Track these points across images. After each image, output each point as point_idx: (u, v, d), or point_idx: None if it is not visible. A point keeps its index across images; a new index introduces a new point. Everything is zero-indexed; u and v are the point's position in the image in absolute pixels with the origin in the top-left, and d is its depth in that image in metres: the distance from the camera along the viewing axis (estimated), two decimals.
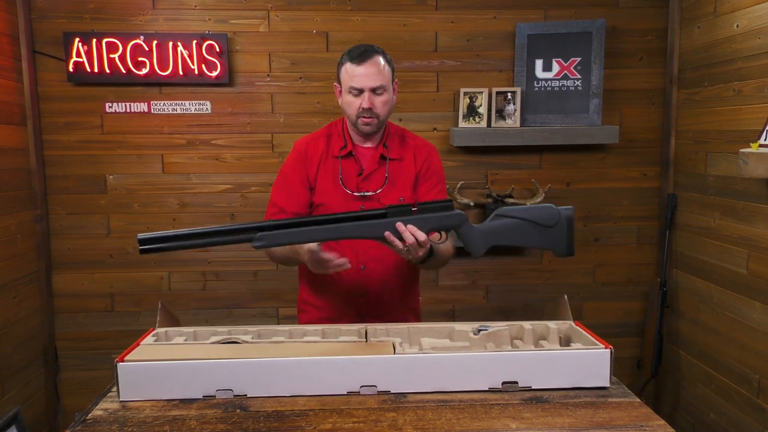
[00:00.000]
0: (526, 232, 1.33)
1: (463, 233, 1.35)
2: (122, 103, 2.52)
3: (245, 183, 2.61)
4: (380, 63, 1.55)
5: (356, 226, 1.30)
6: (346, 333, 1.38)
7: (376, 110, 1.56)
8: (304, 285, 1.76)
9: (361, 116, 1.56)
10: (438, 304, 2.72)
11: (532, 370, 1.23)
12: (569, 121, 2.58)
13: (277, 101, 2.57)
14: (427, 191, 1.66)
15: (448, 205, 1.34)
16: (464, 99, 2.54)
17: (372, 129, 1.59)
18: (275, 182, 1.68)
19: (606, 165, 2.68)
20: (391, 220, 1.31)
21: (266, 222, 1.26)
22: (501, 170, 2.66)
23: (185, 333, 1.39)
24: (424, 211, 1.33)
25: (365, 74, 1.53)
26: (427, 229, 1.33)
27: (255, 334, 1.38)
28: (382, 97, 1.56)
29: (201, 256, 2.63)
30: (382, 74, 1.55)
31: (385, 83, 1.56)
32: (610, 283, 2.75)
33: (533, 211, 1.33)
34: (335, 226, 1.28)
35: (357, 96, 1.55)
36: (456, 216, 1.34)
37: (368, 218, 1.31)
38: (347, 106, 1.58)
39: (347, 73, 1.56)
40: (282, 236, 1.27)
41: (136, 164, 2.57)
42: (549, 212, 1.33)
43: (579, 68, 2.56)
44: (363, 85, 1.54)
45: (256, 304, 2.68)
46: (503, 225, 1.34)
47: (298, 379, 1.21)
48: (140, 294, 2.64)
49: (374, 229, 1.31)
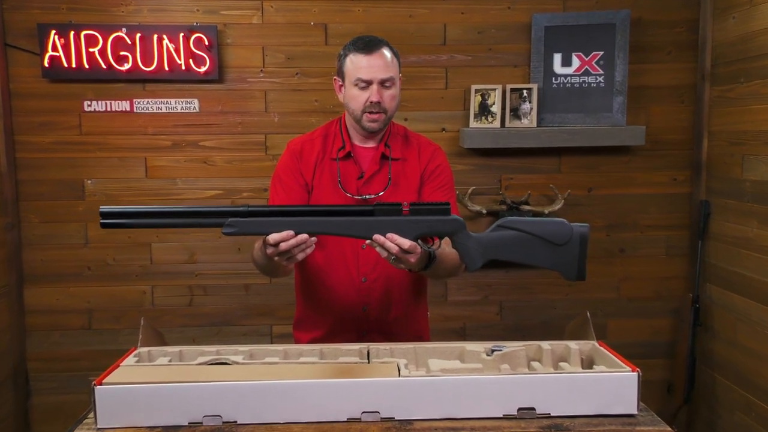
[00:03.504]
0: (531, 249, 1.31)
1: (459, 242, 1.33)
2: (102, 102, 2.54)
3: (236, 188, 2.62)
4: (388, 55, 1.57)
5: (341, 223, 1.28)
6: (347, 353, 1.37)
7: (384, 104, 1.57)
8: (301, 300, 1.76)
9: (367, 111, 1.57)
10: (447, 321, 2.71)
11: (551, 395, 1.22)
12: (591, 120, 2.58)
13: (272, 99, 2.58)
14: (431, 192, 1.66)
15: (444, 209, 1.32)
16: (476, 97, 2.55)
17: (378, 126, 1.60)
18: (270, 188, 1.68)
19: (631, 169, 2.67)
20: (378, 219, 1.30)
21: (241, 207, 1.26)
22: (516, 174, 2.66)
23: (170, 353, 1.39)
24: (416, 213, 1.31)
25: (374, 65, 1.55)
26: (415, 234, 1.31)
27: (246, 354, 1.37)
28: (390, 91, 1.58)
29: (187, 269, 2.63)
30: (390, 65, 1.57)
31: (394, 75, 1.59)
32: (636, 299, 2.73)
33: (542, 225, 1.31)
34: (317, 219, 1.28)
35: (364, 89, 1.56)
36: (452, 222, 1.32)
37: (353, 214, 1.30)
38: (351, 101, 1.59)
39: (353, 64, 1.57)
40: (256, 225, 1.26)
41: (117, 168, 2.58)
42: (560, 228, 1.31)
43: (601, 63, 2.56)
44: (372, 76, 1.55)
45: (248, 321, 2.68)
46: (506, 238, 1.32)
47: (293, 404, 1.20)
48: (121, 310, 2.64)
49: (361, 229, 1.30)
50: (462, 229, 1.32)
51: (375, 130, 1.61)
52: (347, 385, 1.21)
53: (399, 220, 1.30)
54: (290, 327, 1.83)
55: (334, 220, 1.29)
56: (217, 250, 2.62)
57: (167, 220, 1.27)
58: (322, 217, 1.28)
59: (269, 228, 1.27)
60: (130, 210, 1.25)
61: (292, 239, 1.27)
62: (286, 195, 1.63)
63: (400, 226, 1.30)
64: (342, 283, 1.64)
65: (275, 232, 1.27)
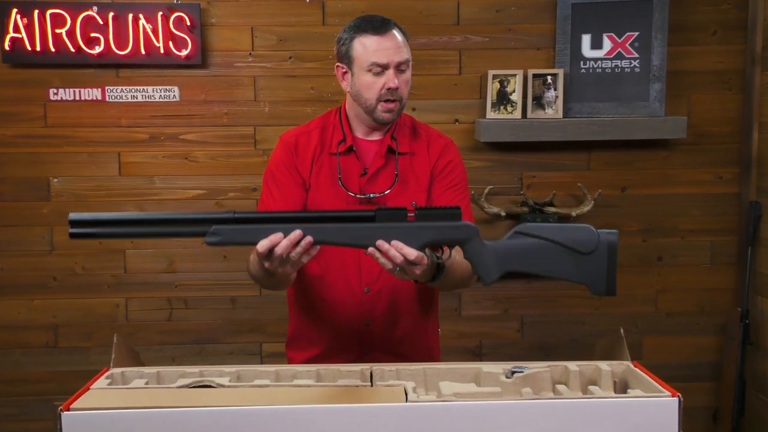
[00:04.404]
0: (553, 259, 1.30)
1: (471, 251, 1.32)
2: (70, 90, 2.55)
3: (221, 188, 2.62)
4: (399, 36, 1.60)
5: (338, 230, 1.29)
6: (347, 375, 1.37)
7: (400, 91, 1.59)
8: (295, 314, 1.76)
9: (383, 100, 1.58)
10: (461, 338, 2.71)
11: (580, 423, 1.22)
12: (624, 110, 2.58)
13: (262, 86, 2.59)
14: (442, 192, 1.66)
15: (454, 213, 1.32)
16: (493, 84, 2.55)
17: (393, 117, 1.62)
18: (263, 187, 1.69)
19: (671, 165, 2.67)
20: (380, 225, 1.30)
21: (226, 213, 1.27)
22: (539, 172, 2.66)
23: (147, 374, 1.39)
24: (423, 219, 1.31)
25: (389, 46, 1.56)
26: (422, 243, 1.31)
27: (233, 376, 1.37)
28: (405, 75, 1.60)
29: (166, 279, 2.64)
30: (405, 46, 1.60)
31: (409, 57, 1.61)
32: (677, 313, 2.73)
33: (565, 232, 1.31)
34: (313, 226, 1.28)
35: (379, 74, 1.57)
36: (463, 228, 1.32)
37: (352, 220, 1.30)
38: (365, 89, 1.59)
39: (365, 48, 1.57)
40: (243, 233, 1.27)
41: (86, 165, 2.59)
42: (585, 235, 1.30)
43: (636, 45, 2.56)
44: (389, 59, 1.56)
45: (235, 338, 2.68)
46: (524, 246, 1.31)
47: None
48: (91, 325, 2.65)
49: (361, 237, 1.30)
50: (475, 236, 1.32)
51: (389, 121, 1.62)
52: (348, 412, 1.20)
53: (404, 227, 1.30)
54: (283, 345, 1.83)
55: (329, 227, 1.29)
56: (199, 257, 2.63)
57: (144, 228, 1.28)
58: (316, 224, 1.28)
59: (258, 236, 1.27)
60: (104, 218, 1.25)
61: (283, 240, 1.27)
62: (282, 194, 1.63)
63: (405, 234, 1.30)
64: (341, 294, 1.64)
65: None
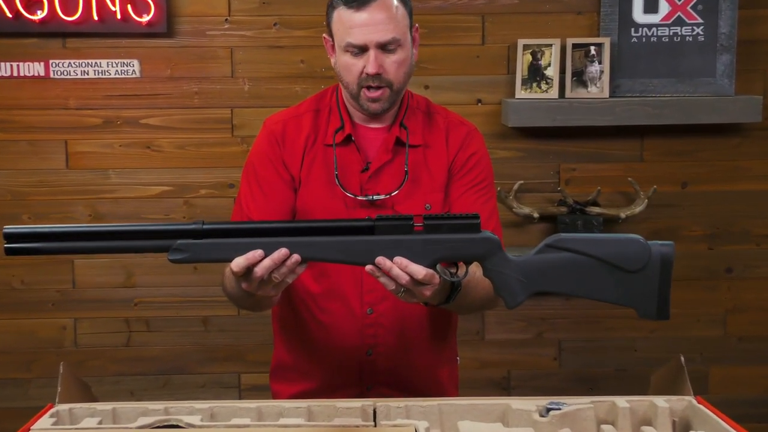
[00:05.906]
0: (591, 278, 1.30)
1: (493, 269, 1.32)
2: (7, 64, 2.55)
3: (191, 183, 2.63)
4: (390, 3, 1.56)
5: (332, 244, 1.28)
6: (345, 412, 1.38)
7: (387, 75, 1.56)
8: (280, 339, 1.77)
9: (364, 86, 1.58)
10: (485, 368, 2.72)
11: None
12: (685, 88, 2.58)
13: (240, 60, 2.60)
14: (462, 193, 1.66)
15: (472, 224, 1.31)
16: (524, 56, 2.55)
17: (382, 106, 1.60)
18: (241, 185, 1.70)
19: (742, 156, 2.67)
20: (382, 239, 1.30)
21: (194, 224, 1.26)
22: (580, 164, 2.66)
23: (100, 412, 1.39)
24: (433, 230, 1.31)
25: (368, 22, 1.53)
26: (432, 259, 1.30)
27: (206, 413, 1.38)
28: (395, 56, 1.57)
29: (123, 295, 2.65)
30: (393, 21, 1.55)
31: (399, 35, 1.56)
32: (749, 338, 2.73)
33: (606, 244, 1.31)
34: (299, 240, 1.27)
35: (357, 56, 1.56)
36: (481, 242, 1.31)
37: (347, 232, 1.30)
38: (344, 71, 1.59)
39: (341, 23, 1.56)
40: (214, 248, 1.26)
41: (26, 155, 2.60)
42: (632, 249, 1.30)
43: (700, 8, 2.55)
44: (366, 39, 1.54)
45: (208, 367, 2.69)
46: (556, 263, 1.31)
47: None
48: (31, 352, 2.66)
49: (359, 252, 1.29)
50: (497, 251, 1.31)
51: (378, 112, 1.61)
52: None
53: (410, 240, 1.30)
54: (266, 376, 1.83)
55: (319, 241, 1.28)
56: (164, 269, 2.63)
57: (93, 243, 1.27)
58: (303, 237, 1.28)
59: (233, 253, 1.26)
60: (44, 230, 1.25)
61: (265, 260, 1.26)
62: (265, 195, 1.64)
63: (411, 248, 1.30)
64: (338, 315, 1.64)
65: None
